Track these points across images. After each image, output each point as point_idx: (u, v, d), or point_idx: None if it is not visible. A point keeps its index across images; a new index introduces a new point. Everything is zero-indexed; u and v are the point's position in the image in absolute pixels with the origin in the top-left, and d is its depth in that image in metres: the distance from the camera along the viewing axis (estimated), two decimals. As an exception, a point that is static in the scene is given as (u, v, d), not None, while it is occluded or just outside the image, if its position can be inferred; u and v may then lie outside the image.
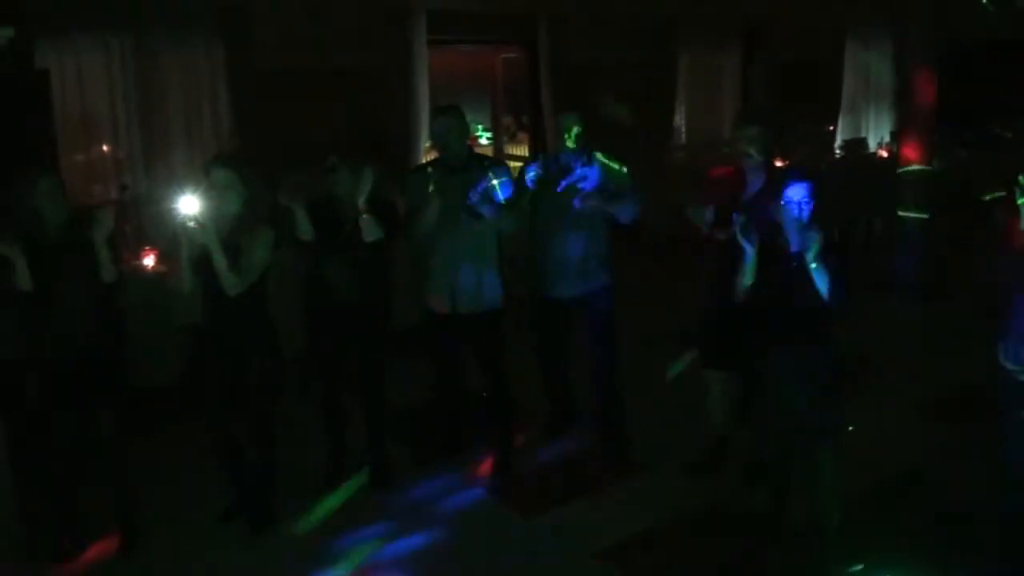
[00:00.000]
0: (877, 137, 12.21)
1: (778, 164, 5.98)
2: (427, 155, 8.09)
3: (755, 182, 4.96)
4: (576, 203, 5.14)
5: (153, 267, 6.59)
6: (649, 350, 6.89)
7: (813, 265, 4.10)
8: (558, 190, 5.19)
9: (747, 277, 4.35)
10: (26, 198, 4.42)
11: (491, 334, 5.35)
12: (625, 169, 5.34)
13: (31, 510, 4.71)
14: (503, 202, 5.08)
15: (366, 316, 5.09)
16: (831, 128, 11.88)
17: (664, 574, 4.48)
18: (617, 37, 9.80)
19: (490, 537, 4.80)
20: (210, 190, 4.59)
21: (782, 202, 4.27)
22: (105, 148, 7.27)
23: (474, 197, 5.01)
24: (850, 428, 4.55)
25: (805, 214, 4.24)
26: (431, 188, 5.00)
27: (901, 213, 8.77)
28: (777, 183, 4.58)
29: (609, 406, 5.62)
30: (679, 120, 10.68)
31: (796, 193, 4.25)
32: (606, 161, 5.29)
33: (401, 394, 5.67)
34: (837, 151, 11.58)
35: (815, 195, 4.25)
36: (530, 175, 5.25)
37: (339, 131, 7.37)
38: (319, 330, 5.16)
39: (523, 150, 10.72)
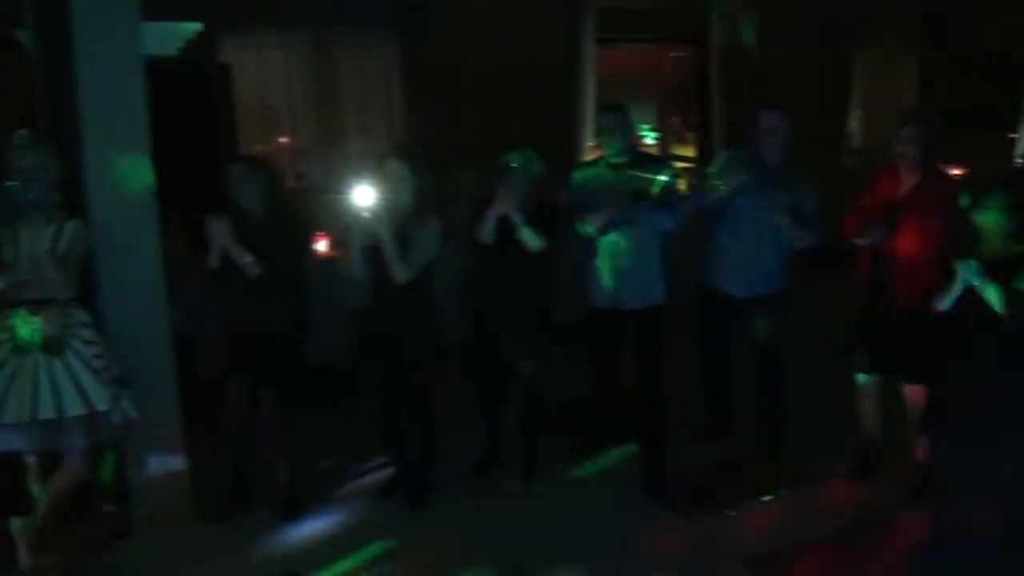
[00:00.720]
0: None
1: (954, 172, 5.75)
2: (592, 153, 8.10)
3: (909, 183, 4.80)
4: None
5: (325, 253, 6.81)
6: (810, 356, 6.70)
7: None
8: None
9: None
10: (227, 183, 4.74)
11: (651, 331, 5.32)
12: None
13: (203, 474, 4.96)
14: (667, 199, 5.09)
15: (527, 311, 5.14)
16: (1012, 136, 11.25)
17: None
18: (790, 34, 9.57)
19: (641, 536, 4.76)
20: (384, 181, 4.73)
21: (981, 208, 4.06)
22: (283, 139, 7.56)
23: (632, 195, 5.00)
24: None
25: (1011, 223, 4.03)
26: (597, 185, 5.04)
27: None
28: (933, 186, 4.53)
29: (772, 413, 5.53)
30: (854, 123, 10.36)
31: (996, 201, 4.03)
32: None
33: (559, 386, 5.69)
34: (1018, 160, 10.96)
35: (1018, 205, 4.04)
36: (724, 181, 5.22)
37: (507, 127, 7.45)
38: (480, 322, 5.25)
39: (690, 151, 10.59)
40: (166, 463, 4.78)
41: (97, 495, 4.67)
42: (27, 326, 4.06)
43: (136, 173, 4.65)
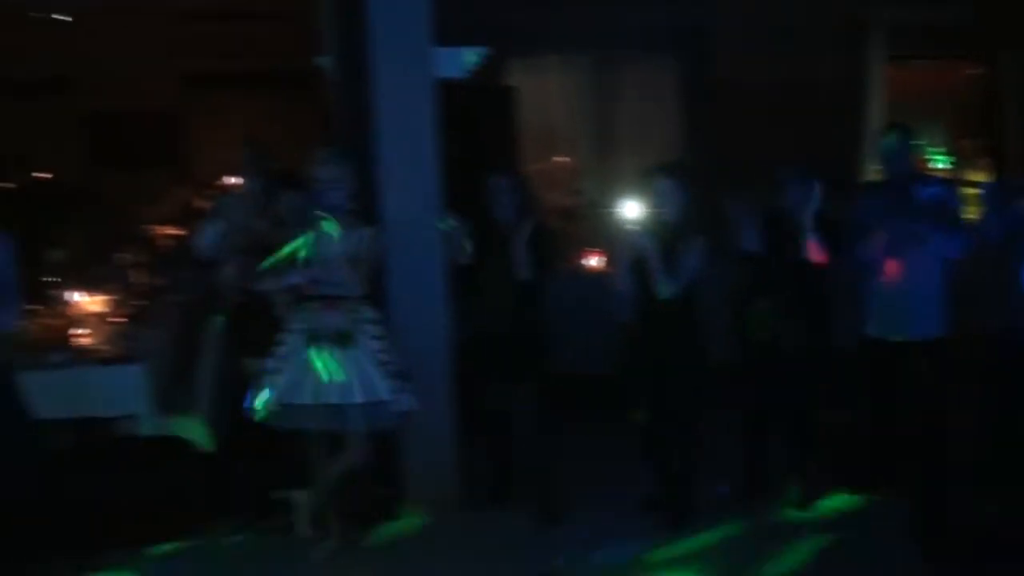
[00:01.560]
0: None
1: None
2: (876, 174, 7.86)
3: None
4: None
5: (596, 267, 7.01)
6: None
7: None
8: None
9: None
10: (487, 193, 5.05)
11: (929, 365, 5.05)
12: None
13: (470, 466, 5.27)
14: (947, 225, 4.89)
15: (799, 334, 5.05)
16: None
17: None
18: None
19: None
20: (652, 197, 4.85)
21: None
22: (563, 157, 7.85)
23: (914, 219, 4.85)
24: None
25: None
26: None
27: None
28: None
29: None
30: None
31: None
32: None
33: (833, 416, 5.50)
34: None
35: None
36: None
37: (786, 145, 7.37)
38: (749, 344, 5.21)
39: (982, 176, 10.01)
40: (437, 454, 5.11)
41: (372, 477, 4.99)
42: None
43: (424, 187, 5.05)
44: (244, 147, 5.51)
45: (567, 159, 8.02)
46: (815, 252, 4.88)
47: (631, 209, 4.83)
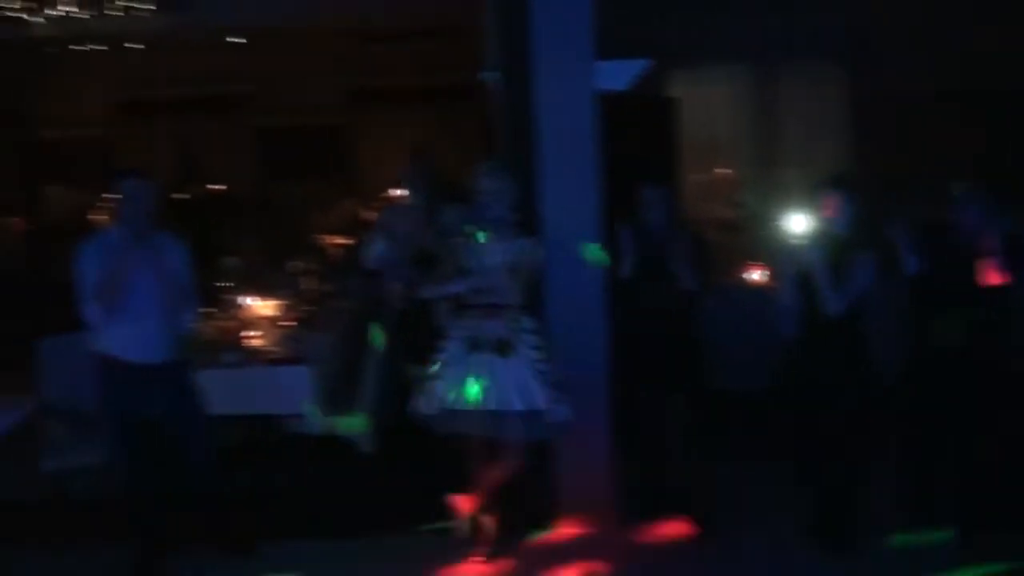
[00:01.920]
0: None
1: None
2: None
3: None
4: None
5: (759, 281, 6.89)
6: None
7: None
8: None
9: None
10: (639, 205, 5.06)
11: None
12: None
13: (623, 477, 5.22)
14: None
15: (974, 357, 4.82)
16: None
17: None
18: None
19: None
20: (818, 210, 4.75)
21: None
22: (723, 170, 7.79)
23: None
24: None
25: None
26: None
27: None
28: None
29: None
30: None
31: None
32: None
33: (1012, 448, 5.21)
34: None
35: None
36: None
37: (959, 156, 7.14)
38: (917, 367, 5.00)
39: None
40: (592, 465, 5.11)
41: (527, 486, 4.99)
42: None
43: (584, 199, 5.08)
44: (410, 160, 5.66)
45: (728, 171, 7.95)
46: (994, 274, 4.68)
47: (797, 223, 4.73)
